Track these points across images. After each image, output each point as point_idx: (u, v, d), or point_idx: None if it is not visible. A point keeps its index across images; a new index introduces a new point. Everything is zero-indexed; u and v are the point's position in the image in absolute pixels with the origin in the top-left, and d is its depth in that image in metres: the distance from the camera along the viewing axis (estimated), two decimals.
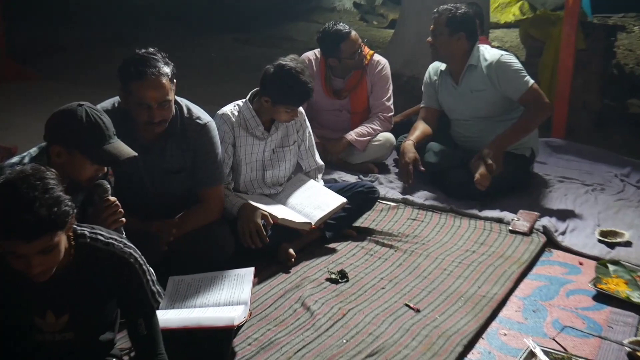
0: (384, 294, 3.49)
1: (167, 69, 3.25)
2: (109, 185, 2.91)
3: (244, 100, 3.92)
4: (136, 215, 3.37)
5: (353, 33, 4.90)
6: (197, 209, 3.52)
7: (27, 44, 7.99)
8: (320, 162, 4.24)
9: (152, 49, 3.31)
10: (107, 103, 3.41)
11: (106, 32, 9.24)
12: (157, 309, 2.52)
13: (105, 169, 2.90)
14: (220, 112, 3.87)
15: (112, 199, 2.90)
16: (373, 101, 5.10)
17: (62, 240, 2.19)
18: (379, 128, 5.04)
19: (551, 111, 4.69)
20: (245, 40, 9.82)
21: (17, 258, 2.13)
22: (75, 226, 2.35)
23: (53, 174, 2.19)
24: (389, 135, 5.08)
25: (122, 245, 2.39)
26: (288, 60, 3.80)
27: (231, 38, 9.81)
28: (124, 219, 2.91)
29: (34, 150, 2.89)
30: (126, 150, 2.84)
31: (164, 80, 3.22)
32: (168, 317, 2.91)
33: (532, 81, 4.51)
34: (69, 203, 2.16)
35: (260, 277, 3.52)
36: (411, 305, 3.38)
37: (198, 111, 3.50)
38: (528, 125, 4.52)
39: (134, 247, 2.44)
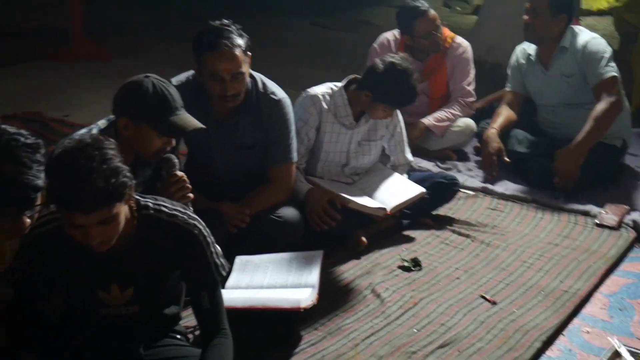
0: (458, 284, 3.33)
1: (240, 41, 3.18)
2: (176, 160, 2.85)
3: (337, 84, 3.76)
4: (205, 194, 3.32)
5: (431, 12, 4.69)
6: (266, 188, 3.43)
7: (103, 23, 8.08)
8: (410, 159, 4.05)
9: (226, 21, 3.23)
10: (182, 76, 3.37)
11: (177, 11, 9.28)
12: (222, 282, 2.44)
13: (173, 142, 2.84)
14: (310, 92, 3.73)
15: (180, 173, 2.84)
16: (453, 85, 4.90)
17: (122, 211, 2.12)
18: (458, 113, 4.84)
19: (618, 110, 4.30)
20: (322, 24, 9.68)
21: (76, 229, 2.08)
22: (138, 197, 2.30)
23: (112, 144, 2.12)
24: (469, 121, 4.88)
25: (186, 217, 2.32)
26: (400, 60, 3.58)
27: (308, 22, 9.69)
28: (191, 195, 2.85)
29: (102, 123, 2.86)
30: (193, 122, 2.78)
31: (238, 52, 3.14)
32: (234, 296, 2.84)
33: (612, 73, 4.25)
34: (127, 174, 2.09)
35: (329, 263, 3.40)
36: (487, 297, 3.21)
37: (273, 86, 3.41)
38: (599, 123, 4.22)
39: (198, 218, 2.36)
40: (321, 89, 3.72)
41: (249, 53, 3.24)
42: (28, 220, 2.24)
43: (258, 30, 3.61)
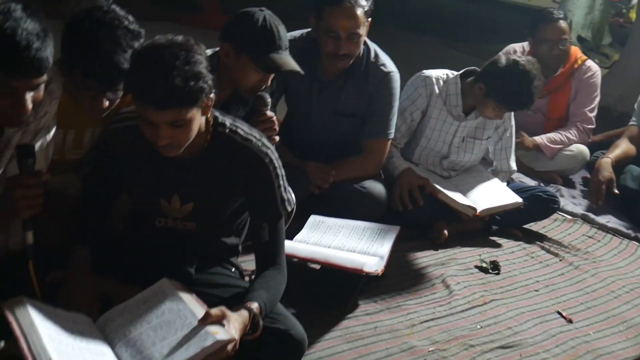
0: (535, 296, 3.14)
1: (364, 2, 3.10)
2: (269, 100, 2.80)
3: (454, 72, 3.64)
4: (294, 153, 3.27)
5: (562, 23, 4.44)
6: (356, 158, 3.35)
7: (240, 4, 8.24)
8: (514, 167, 3.86)
9: None
10: (297, 32, 3.33)
11: None
12: (286, 220, 2.35)
13: (269, 81, 2.79)
14: (426, 72, 3.62)
15: (270, 113, 2.79)
16: (574, 109, 4.65)
17: (196, 118, 2.06)
18: (574, 138, 4.59)
19: None
20: (452, 46, 9.56)
21: (148, 125, 2.04)
22: (217, 114, 2.25)
23: (202, 51, 2.07)
24: (583, 148, 4.61)
25: (260, 144, 2.25)
26: (525, 61, 3.39)
27: (438, 41, 9.60)
28: (277, 138, 2.80)
29: (207, 51, 2.85)
30: (292, 63, 2.72)
31: (359, 12, 3.07)
32: (298, 247, 2.75)
33: None
34: (209, 82, 2.04)
35: (404, 246, 3.27)
36: (564, 314, 2.99)
37: (385, 58, 3.33)
38: None
39: (272, 148, 2.29)
40: (437, 72, 3.60)
41: (369, 19, 3.16)
42: (106, 103, 2.25)
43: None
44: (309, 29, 3.29)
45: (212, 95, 2.09)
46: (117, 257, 2.36)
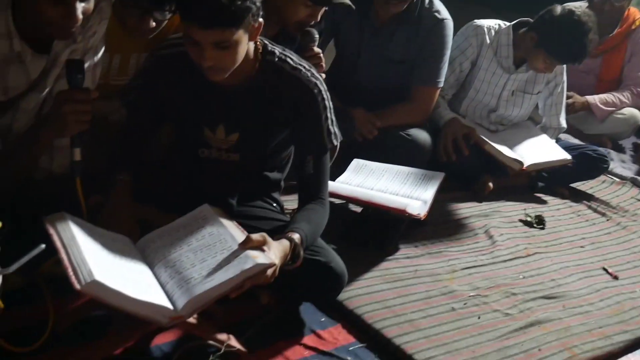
0: (580, 252, 3.05)
1: None
2: (317, 36, 2.74)
3: (507, 23, 3.53)
4: (342, 99, 3.22)
5: None
6: (403, 105, 3.29)
7: None
8: (563, 124, 3.75)
9: None
10: None
11: None
12: (331, 154, 2.30)
13: (318, 17, 2.73)
14: (477, 22, 3.52)
15: (317, 50, 2.74)
16: (628, 72, 4.50)
17: (242, 42, 2.01)
18: (627, 101, 4.45)
19: None
20: (502, 14, 9.36)
21: (193, 45, 1.99)
22: (267, 42, 2.20)
23: None
24: (635, 112, 4.47)
25: (309, 74, 2.20)
26: (581, 12, 3.27)
27: (489, 9, 9.42)
28: (323, 75, 2.74)
29: None
30: None
31: None
32: (340, 186, 2.72)
33: None
34: (257, 3, 1.98)
35: (447, 196, 3.21)
36: (610, 270, 2.91)
37: (439, 5, 3.26)
38: None
39: (321, 79, 2.24)
40: (488, 22, 3.50)
41: None
42: (153, 23, 2.21)
43: None
44: None
45: (260, 19, 2.03)
46: (158, 185, 2.34)
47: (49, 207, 2.01)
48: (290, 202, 2.59)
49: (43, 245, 1.50)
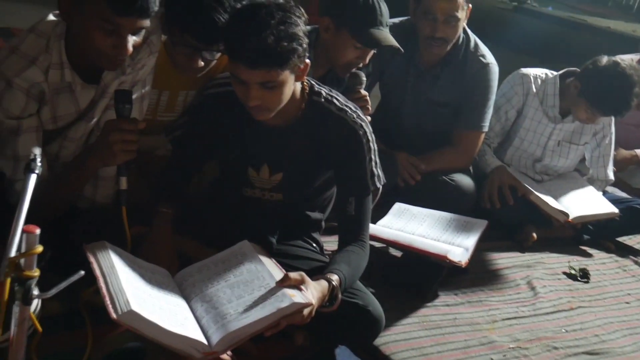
0: (625, 308, 2.98)
1: None
2: (364, 78, 2.76)
3: (554, 72, 3.51)
4: (385, 142, 3.21)
5: None
6: (447, 149, 3.27)
7: None
8: (611, 177, 3.69)
9: None
10: (396, 19, 3.26)
11: None
12: (373, 197, 2.28)
13: (366, 59, 2.74)
14: (524, 70, 3.50)
15: (364, 92, 2.74)
16: None
17: (288, 82, 2.01)
18: None
19: None
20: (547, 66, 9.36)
21: (239, 84, 2.01)
22: (313, 82, 2.21)
23: (301, 13, 2.02)
24: None
25: (355, 116, 2.20)
26: (627, 64, 3.23)
27: (537, 60, 9.43)
28: (369, 118, 2.74)
29: (308, 27, 2.83)
30: (391, 39, 2.66)
31: None
32: (382, 230, 2.69)
33: None
34: (304, 45, 1.99)
35: (489, 245, 3.16)
36: None
37: (485, 49, 3.25)
38: None
39: (367, 121, 2.24)
40: (535, 71, 3.48)
41: (469, 5, 3.08)
42: (201, 62, 2.23)
43: None
44: (409, 17, 3.23)
45: (307, 60, 2.04)
46: (200, 221, 2.35)
47: (90, 235, 2.03)
48: (330, 243, 2.58)
49: (82, 272, 1.50)
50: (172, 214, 2.27)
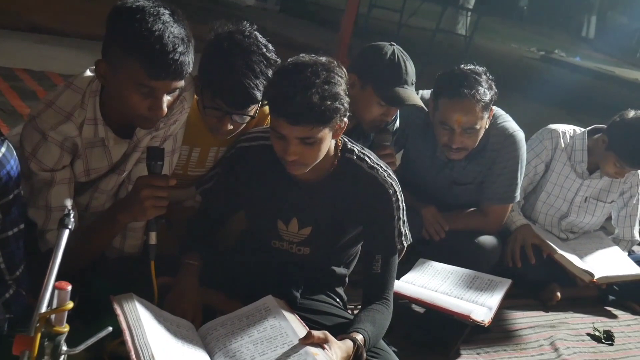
0: None
1: (486, 95, 2.85)
2: (390, 135, 2.79)
3: (582, 129, 3.50)
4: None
5: None
6: (475, 214, 3.20)
7: None
8: (637, 237, 3.66)
9: (479, 68, 2.93)
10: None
11: None
12: (399, 252, 2.29)
13: (391, 116, 2.78)
14: (552, 126, 3.48)
15: (391, 149, 2.77)
16: None
17: (326, 139, 2.07)
18: None
19: None
20: (578, 117, 9.31)
21: (279, 139, 2.06)
22: (346, 140, 2.25)
23: (343, 74, 2.08)
24: None
25: (385, 174, 2.23)
26: None
27: (565, 112, 9.39)
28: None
29: None
30: (415, 99, 2.69)
31: (478, 107, 2.83)
32: (405, 286, 2.69)
33: None
34: (345, 104, 2.05)
35: (513, 303, 3.14)
36: None
37: (506, 118, 3.13)
38: None
39: (396, 180, 2.26)
40: (563, 127, 3.49)
41: (493, 107, 2.96)
42: (230, 126, 2.28)
43: None
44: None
45: (345, 119, 2.09)
46: (225, 272, 2.38)
47: (118, 285, 2.06)
48: (353, 296, 2.60)
49: (110, 328, 1.52)
50: (198, 265, 2.30)
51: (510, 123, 3.14)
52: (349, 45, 7.38)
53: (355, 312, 2.55)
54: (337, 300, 2.45)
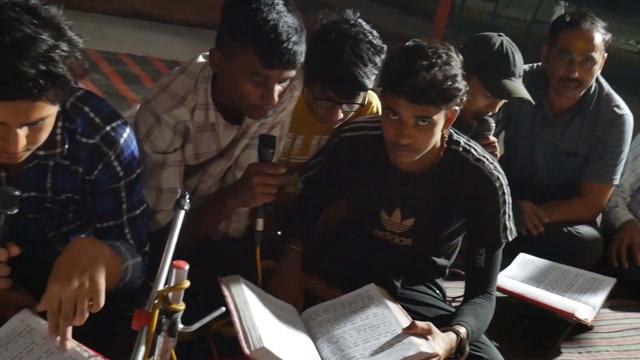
0: None
1: (603, 30, 2.97)
2: (493, 125, 2.74)
3: None
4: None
5: None
6: (573, 200, 3.16)
7: None
8: None
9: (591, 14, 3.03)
10: (525, 65, 3.19)
11: None
12: (503, 246, 2.25)
13: (496, 109, 2.73)
14: None
15: (493, 139, 2.73)
16: None
17: (439, 125, 2.03)
18: None
19: None
20: None
21: (392, 121, 2.02)
22: (452, 131, 2.22)
23: (459, 58, 2.05)
24: None
25: (492, 167, 2.19)
26: None
27: None
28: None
29: None
30: (523, 91, 2.64)
31: (597, 36, 2.93)
32: (507, 281, 2.65)
33: None
34: (463, 86, 2.02)
35: (616, 301, 3.03)
36: None
37: (619, 100, 3.14)
38: None
39: (503, 173, 2.22)
40: None
41: (605, 54, 3.01)
42: (341, 115, 2.28)
43: None
44: (538, 63, 3.18)
45: (458, 106, 2.06)
46: (327, 259, 2.39)
47: (222, 267, 2.10)
48: (451, 288, 2.57)
49: (223, 308, 1.56)
50: (300, 251, 2.33)
51: (623, 105, 3.14)
52: (442, 35, 7.29)
53: (453, 304, 2.55)
54: (437, 291, 2.44)
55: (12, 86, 1.39)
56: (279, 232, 2.52)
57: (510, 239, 2.24)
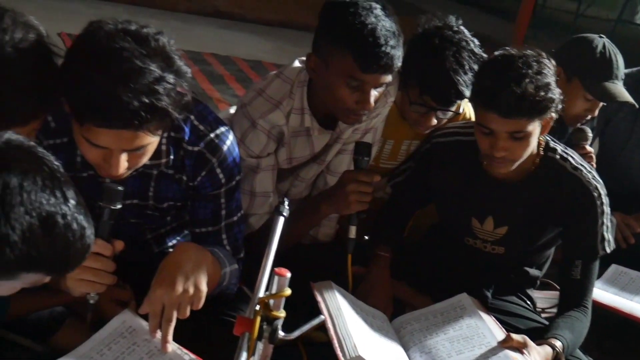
0: None
1: None
2: (591, 134, 2.66)
3: None
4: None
5: None
6: None
7: None
8: None
9: None
10: (627, 69, 3.08)
11: None
12: (598, 258, 2.19)
13: (595, 112, 2.65)
14: None
15: (589, 149, 2.66)
16: None
17: (535, 134, 1.99)
18: None
19: None
20: None
21: (486, 136, 1.97)
22: (548, 138, 2.17)
23: (552, 65, 1.99)
24: None
25: (590, 176, 2.13)
26: None
27: None
28: None
29: None
30: (625, 95, 2.56)
31: None
32: (602, 293, 2.57)
33: None
34: (558, 95, 1.96)
35: None
36: None
37: None
38: None
39: (602, 182, 2.16)
40: None
41: None
42: (434, 121, 2.25)
43: None
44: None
45: (554, 113, 2.01)
46: (414, 265, 2.37)
47: (312, 271, 2.09)
48: (541, 299, 2.52)
49: (322, 317, 1.55)
50: (389, 257, 2.31)
51: None
52: (524, 36, 7.17)
53: (543, 315, 2.49)
54: (528, 302, 2.38)
55: (115, 116, 1.40)
56: (366, 237, 2.51)
57: (608, 251, 2.17)
